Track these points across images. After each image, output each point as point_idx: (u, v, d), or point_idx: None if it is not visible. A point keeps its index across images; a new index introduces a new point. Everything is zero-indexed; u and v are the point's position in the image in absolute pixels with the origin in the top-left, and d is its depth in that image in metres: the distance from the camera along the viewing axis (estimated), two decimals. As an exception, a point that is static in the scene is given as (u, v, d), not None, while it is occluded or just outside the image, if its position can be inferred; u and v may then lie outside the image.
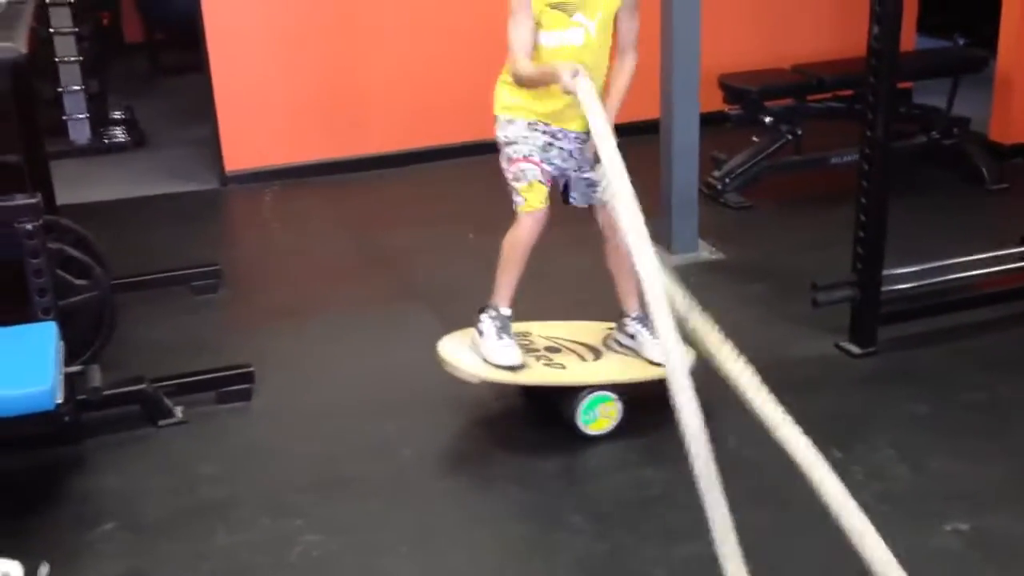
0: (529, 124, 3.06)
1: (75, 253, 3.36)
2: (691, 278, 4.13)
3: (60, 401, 2.62)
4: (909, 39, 5.91)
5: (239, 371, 3.36)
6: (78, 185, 5.08)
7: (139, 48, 7.87)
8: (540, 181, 3.05)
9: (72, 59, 5.87)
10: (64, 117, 5.93)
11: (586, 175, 3.14)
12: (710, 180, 4.83)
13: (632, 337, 3.23)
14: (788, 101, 5.02)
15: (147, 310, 3.94)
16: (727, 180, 4.87)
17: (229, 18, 5.20)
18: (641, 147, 4.63)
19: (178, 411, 3.22)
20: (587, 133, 2.98)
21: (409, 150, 5.58)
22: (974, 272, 3.76)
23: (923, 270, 3.69)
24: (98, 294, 3.37)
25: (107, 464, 3.02)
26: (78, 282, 3.32)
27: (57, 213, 3.73)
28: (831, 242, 3.80)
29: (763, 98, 4.95)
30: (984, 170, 5.01)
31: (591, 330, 3.36)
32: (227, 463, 3.02)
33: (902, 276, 3.62)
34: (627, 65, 3.10)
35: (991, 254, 3.84)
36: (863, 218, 3.42)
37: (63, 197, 4.19)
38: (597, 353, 3.23)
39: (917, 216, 4.39)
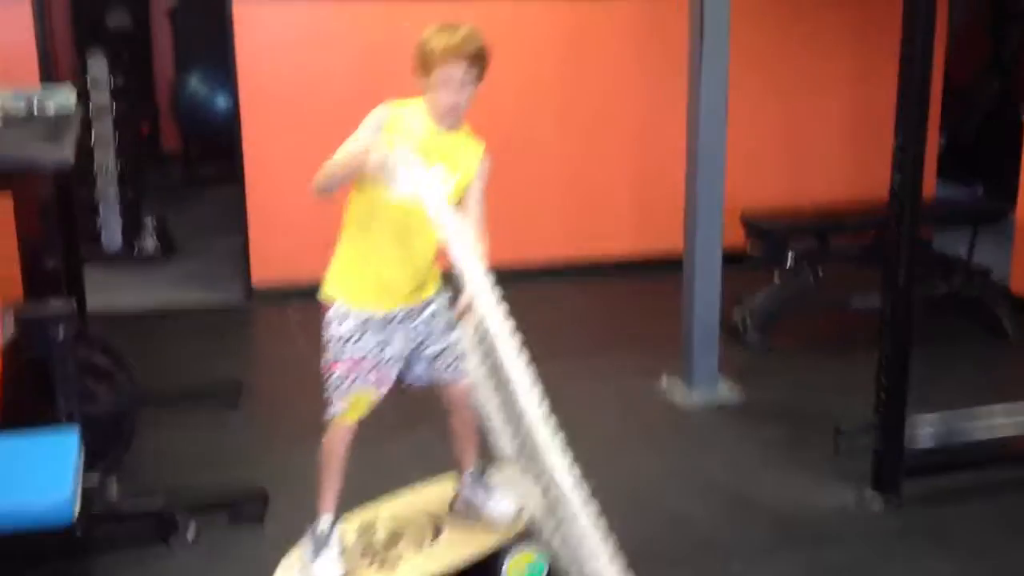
0: (364, 320, 2.74)
1: (102, 361, 3.39)
2: (711, 418, 4.15)
3: (76, 514, 2.61)
4: (930, 185, 6.00)
5: (253, 493, 3.35)
6: (107, 291, 5.15)
7: (175, 158, 8.05)
8: (370, 392, 2.77)
9: (110, 168, 6.01)
10: (98, 224, 6.03)
11: (434, 347, 2.85)
12: (732, 318, 4.85)
13: (471, 498, 3.05)
14: (810, 241, 5.07)
15: (167, 422, 3.94)
16: (748, 319, 4.89)
17: (266, 131, 5.33)
18: (663, 283, 4.73)
19: (191, 529, 3.19)
20: (443, 295, 2.81)
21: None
22: (1000, 423, 3.73)
23: (949, 428, 3.66)
24: (121, 404, 3.39)
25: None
26: (102, 390, 3.35)
27: (87, 319, 3.78)
28: (853, 386, 3.79)
29: (785, 238, 5.00)
30: (1005, 323, 5.02)
31: (437, 495, 3.16)
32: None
33: (925, 425, 3.59)
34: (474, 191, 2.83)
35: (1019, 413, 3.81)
36: (886, 365, 3.42)
37: (92, 302, 4.24)
38: (438, 528, 3.02)
39: (939, 366, 4.38)
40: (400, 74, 5.29)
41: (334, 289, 2.78)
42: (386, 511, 3.10)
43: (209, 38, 6.89)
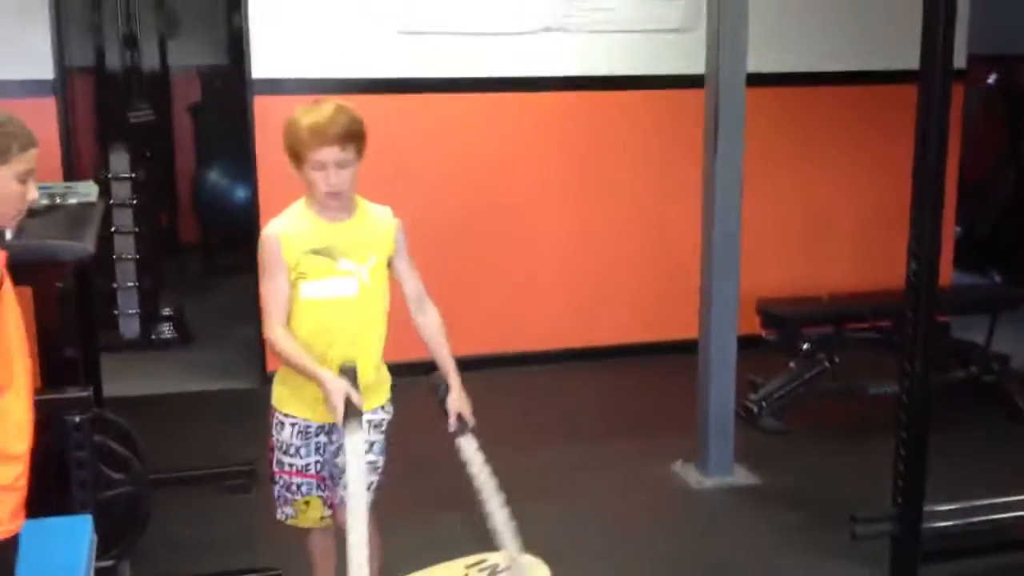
0: (303, 429, 2.69)
1: (117, 447, 3.40)
2: (726, 503, 4.11)
3: (88, 600, 2.61)
4: (946, 274, 6.02)
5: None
6: (124, 378, 5.17)
7: (194, 248, 8.15)
8: (317, 499, 2.72)
9: (129, 257, 6.10)
10: (116, 312, 6.09)
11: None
12: (747, 403, 4.84)
13: None
14: (826, 328, 5.08)
15: (180, 506, 3.94)
16: (764, 404, 4.88)
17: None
18: (676, 366, 4.73)
19: (203, 616, 3.19)
20: (381, 408, 2.77)
21: (424, 360, 5.64)
22: (1020, 513, 3.69)
23: (966, 508, 3.63)
24: (135, 489, 3.39)
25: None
26: (117, 476, 3.35)
27: (103, 405, 3.81)
28: (870, 472, 3.76)
29: (800, 324, 5.01)
30: (1025, 408, 4.99)
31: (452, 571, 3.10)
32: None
33: (944, 513, 3.56)
34: (432, 314, 2.78)
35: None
36: (903, 452, 3.40)
37: (108, 389, 4.28)
38: None
39: (957, 452, 4.34)
40: (415, 168, 5.49)
41: (274, 395, 2.74)
42: None
43: (229, 132, 7.05)
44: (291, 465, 2.70)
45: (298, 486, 2.72)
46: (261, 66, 5.31)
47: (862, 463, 4.24)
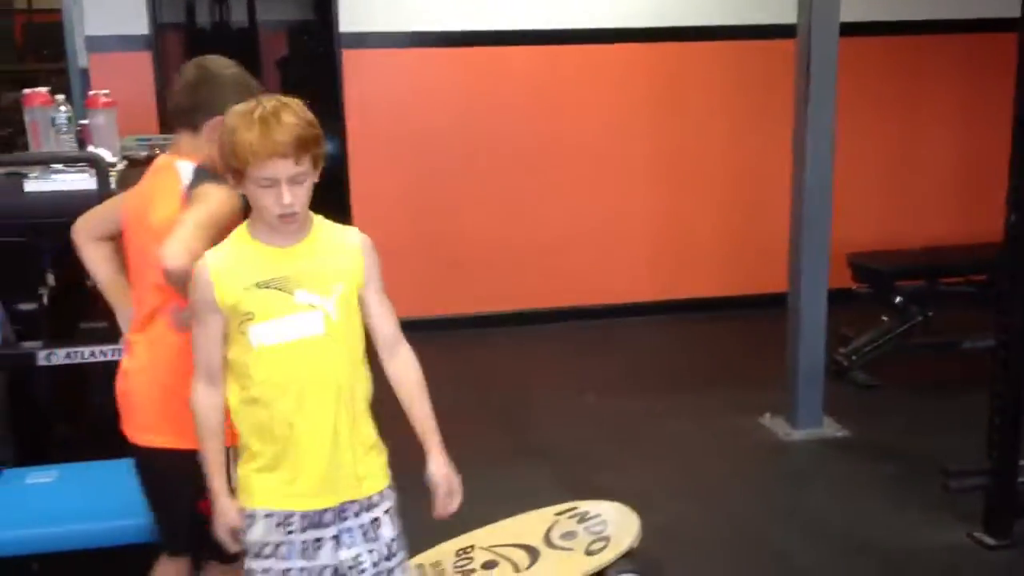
0: (276, 522, 2.04)
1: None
2: (815, 455, 4.09)
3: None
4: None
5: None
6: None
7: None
8: None
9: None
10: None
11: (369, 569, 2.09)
12: (837, 357, 4.79)
13: None
14: (919, 282, 4.99)
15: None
16: (854, 358, 4.82)
17: (372, 175, 5.49)
18: (768, 320, 4.70)
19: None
20: (379, 494, 2.12)
21: (514, 311, 5.72)
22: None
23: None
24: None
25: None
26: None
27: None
28: (962, 427, 3.71)
29: (894, 278, 4.93)
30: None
31: (534, 524, 3.18)
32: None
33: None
34: (407, 357, 2.14)
35: None
36: (998, 405, 3.35)
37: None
38: (535, 555, 3.03)
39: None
40: (505, 119, 5.50)
41: (238, 481, 2.10)
42: (483, 538, 3.15)
43: (318, 85, 7.12)
44: (265, 572, 2.05)
45: None
46: (348, 20, 5.36)
47: (955, 418, 4.17)
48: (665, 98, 5.68)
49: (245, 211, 2.12)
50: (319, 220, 2.07)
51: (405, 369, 2.13)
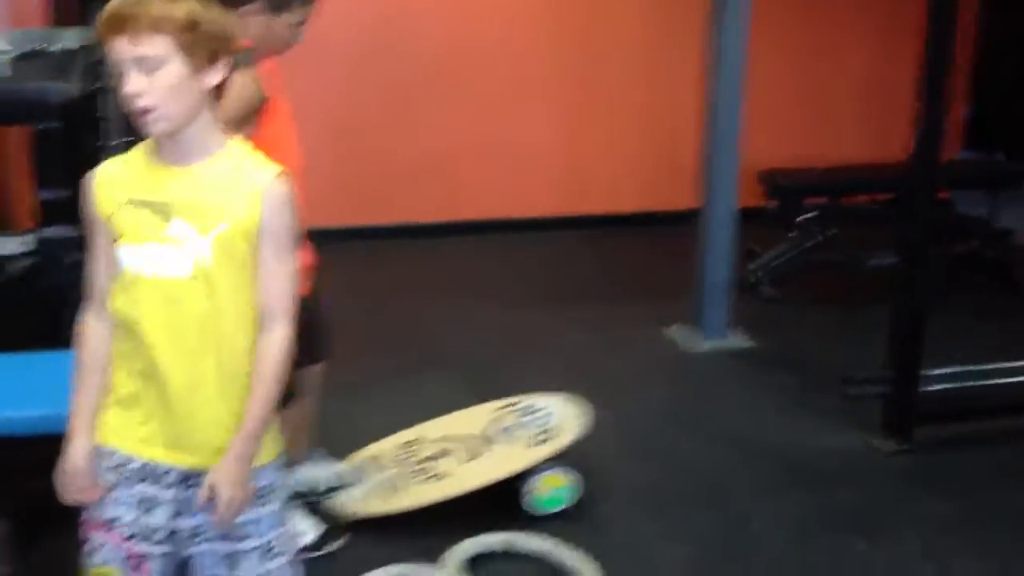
0: (115, 463, 1.79)
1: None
2: (720, 365, 4.12)
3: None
4: (953, 149, 5.93)
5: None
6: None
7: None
8: (118, 568, 1.80)
9: (114, 115, 5.97)
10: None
11: (236, 545, 1.82)
12: (745, 272, 4.82)
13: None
14: (826, 200, 5.03)
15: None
16: (761, 272, 4.85)
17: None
18: (681, 236, 4.70)
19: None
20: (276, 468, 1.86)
21: (434, 222, 5.64)
22: (1015, 379, 3.68)
23: (958, 372, 3.63)
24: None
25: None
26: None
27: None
28: (863, 339, 3.76)
29: (801, 195, 4.96)
30: (1024, 282, 4.96)
31: (479, 417, 3.22)
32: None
33: (938, 377, 3.55)
34: (274, 341, 1.75)
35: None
36: (899, 315, 3.39)
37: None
38: (479, 447, 3.07)
39: (954, 323, 4.31)
40: (409, 26, 5.34)
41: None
42: (428, 431, 3.20)
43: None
44: (94, 516, 1.82)
45: (99, 546, 1.81)
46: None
47: (857, 332, 4.23)
48: (579, 5, 5.59)
49: None
50: (233, 146, 1.75)
51: (264, 353, 1.74)
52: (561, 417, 3.09)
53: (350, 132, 5.47)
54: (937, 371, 3.53)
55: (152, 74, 1.62)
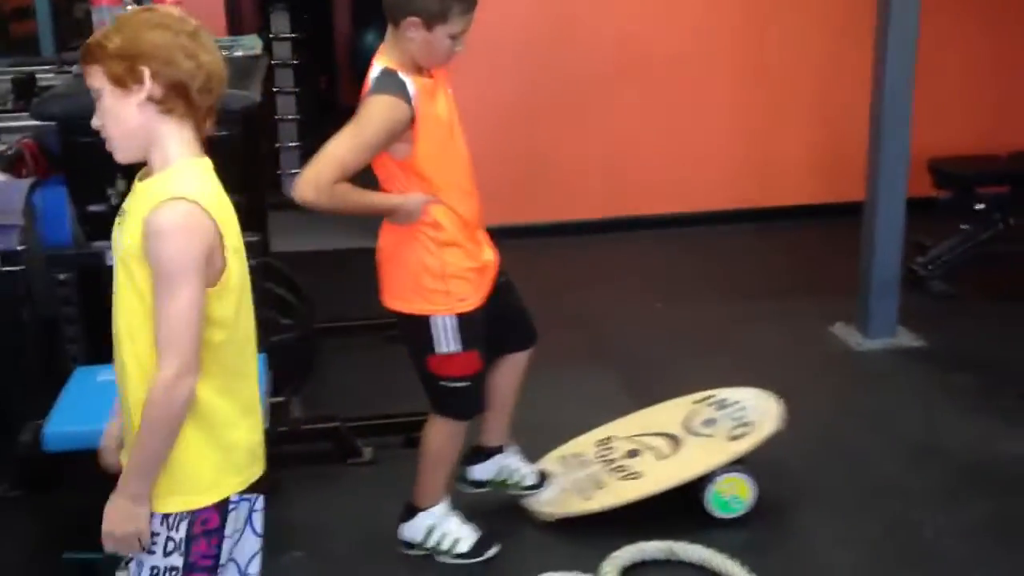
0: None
1: (285, 294, 3.53)
2: (887, 363, 4.02)
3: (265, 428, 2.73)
4: None
5: (425, 418, 3.44)
6: (288, 235, 5.32)
7: (352, 112, 8.21)
8: None
9: (291, 117, 6.22)
10: (279, 172, 6.26)
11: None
12: (913, 266, 4.67)
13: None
14: (1002, 189, 4.83)
15: (344, 354, 4.08)
16: (931, 267, 4.70)
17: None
18: (844, 228, 4.59)
19: (367, 451, 3.32)
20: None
21: (603, 219, 5.66)
22: None
23: None
24: (301, 334, 3.53)
25: (299, 495, 3.12)
26: (285, 321, 3.49)
27: (270, 257, 3.94)
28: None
29: (976, 184, 4.77)
30: None
31: (672, 413, 3.19)
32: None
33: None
34: (157, 376, 1.66)
35: None
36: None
37: (275, 245, 4.42)
38: (677, 442, 3.06)
39: None
40: (584, 25, 5.39)
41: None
42: (621, 429, 3.21)
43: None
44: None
45: None
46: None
47: (1035, 328, 4.07)
48: (751, 4, 5.51)
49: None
50: (179, 165, 1.70)
51: (147, 396, 1.68)
52: (756, 410, 3.03)
53: (528, 130, 5.55)
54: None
55: (99, 104, 1.70)
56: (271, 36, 6.05)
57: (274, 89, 6.08)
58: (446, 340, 2.65)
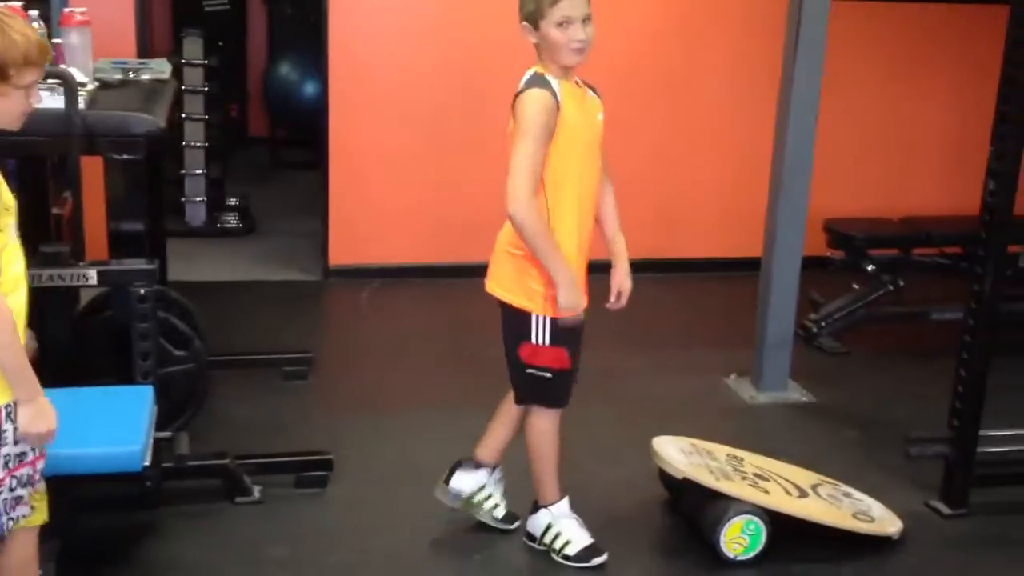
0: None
1: (179, 324, 3.46)
2: (778, 418, 4.10)
3: (147, 464, 2.67)
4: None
5: (318, 458, 3.41)
6: (188, 263, 5.25)
7: (261, 142, 8.17)
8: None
9: (198, 144, 6.14)
10: (183, 198, 6.16)
11: None
12: (806, 323, 4.79)
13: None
14: (894, 252, 4.99)
15: (237, 389, 4.01)
16: (823, 324, 4.82)
17: (352, 119, 5.40)
18: (740, 284, 4.69)
19: (256, 490, 3.26)
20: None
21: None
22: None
23: (1022, 435, 3.58)
24: (194, 366, 3.46)
25: (181, 534, 3.06)
26: (177, 352, 3.42)
27: (167, 286, 3.87)
28: (927, 396, 3.74)
29: (868, 246, 4.92)
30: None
31: (800, 474, 3.36)
32: (297, 547, 3.03)
33: (1000, 439, 3.51)
34: None
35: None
36: (963, 374, 3.35)
37: (173, 273, 4.35)
38: (803, 492, 3.22)
39: (1018, 381, 4.27)
40: (495, 70, 5.40)
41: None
42: (750, 458, 3.36)
43: (303, 25, 7.01)
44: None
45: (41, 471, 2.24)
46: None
47: (920, 387, 4.19)
48: (673, 61, 5.64)
49: None
50: None
51: None
52: (880, 513, 3.25)
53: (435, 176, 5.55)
54: (999, 432, 3.49)
55: None
56: (183, 61, 5.98)
57: (182, 115, 6.00)
58: (541, 334, 2.83)
